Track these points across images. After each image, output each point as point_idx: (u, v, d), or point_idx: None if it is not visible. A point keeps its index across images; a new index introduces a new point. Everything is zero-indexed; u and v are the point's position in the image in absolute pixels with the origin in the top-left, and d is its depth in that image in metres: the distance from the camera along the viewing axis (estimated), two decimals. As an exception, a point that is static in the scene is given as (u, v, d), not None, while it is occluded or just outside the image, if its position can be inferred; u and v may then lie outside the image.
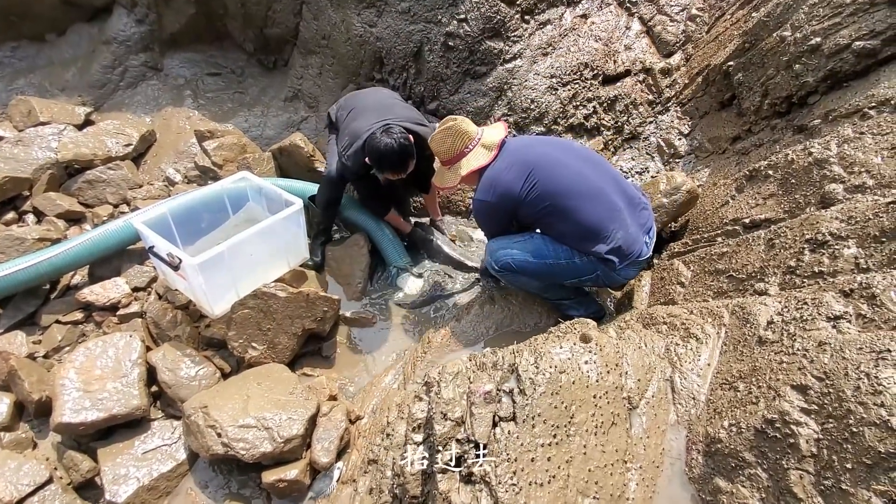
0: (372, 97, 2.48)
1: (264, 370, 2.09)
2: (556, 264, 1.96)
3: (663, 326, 1.54)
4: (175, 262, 1.97)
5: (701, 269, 1.92)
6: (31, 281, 2.06)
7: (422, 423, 1.18)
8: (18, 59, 3.05)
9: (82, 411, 1.81)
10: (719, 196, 2.20)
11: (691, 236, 2.21)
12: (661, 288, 2.05)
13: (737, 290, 1.68)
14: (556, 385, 1.14)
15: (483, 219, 2.06)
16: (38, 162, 2.53)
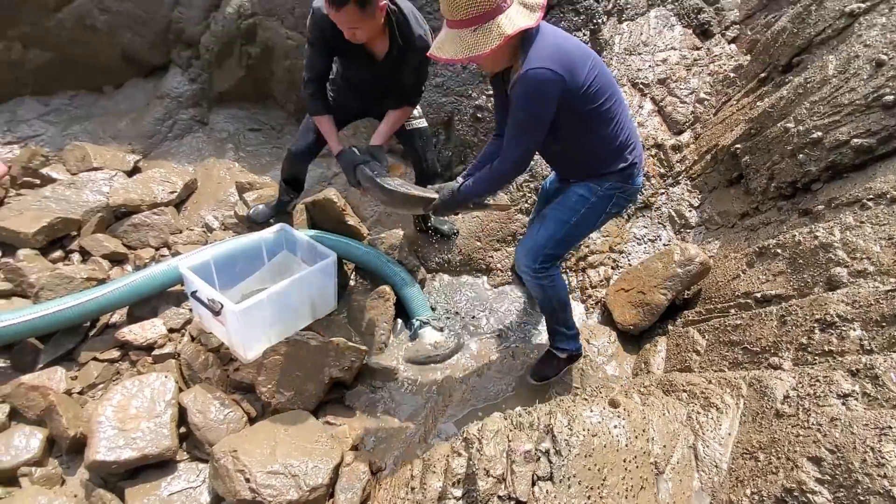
0: None
1: (290, 416, 2.15)
2: (579, 220, 1.88)
3: (683, 394, 1.63)
4: (216, 307, 2.08)
5: (716, 339, 2.03)
6: (77, 319, 2.16)
7: (461, 479, 1.25)
8: (75, 106, 3.29)
9: (116, 449, 1.86)
10: (731, 269, 2.34)
11: (705, 305, 2.33)
12: (677, 354, 2.14)
13: (752, 362, 1.78)
14: (590, 447, 1.22)
15: (534, 103, 1.50)
16: (89, 205, 2.70)
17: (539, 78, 1.46)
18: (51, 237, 2.52)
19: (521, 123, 1.57)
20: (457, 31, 1.46)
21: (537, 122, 1.56)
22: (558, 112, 1.55)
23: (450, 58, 1.47)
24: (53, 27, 2.98)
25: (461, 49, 1.45)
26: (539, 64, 1.45)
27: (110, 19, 3.08)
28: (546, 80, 1.46)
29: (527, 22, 1.44)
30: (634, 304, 2.45)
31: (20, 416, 2.02)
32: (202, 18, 3.22)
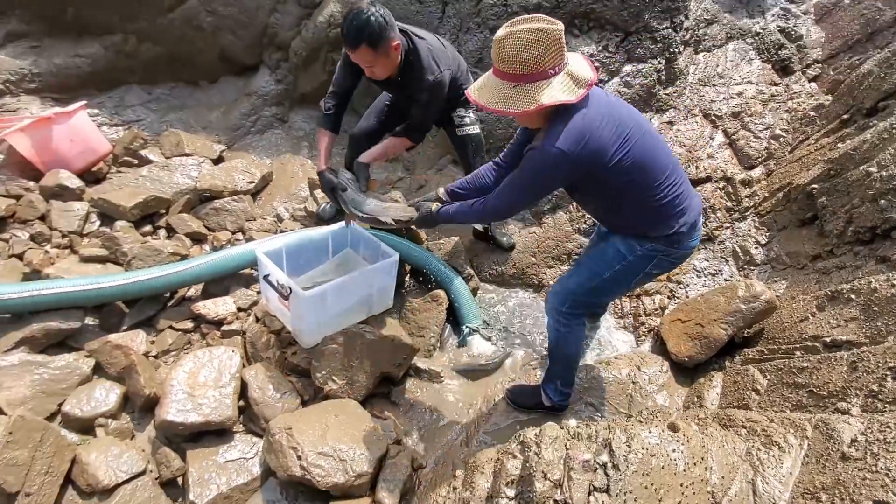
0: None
1: (341, 404, 2.24)
2: (613, 275, 1.82)
3: (743, 430, 1.59)
4: (285, 291, 2.21)
5: (778, 380, 1.96)
6: (161, 289, 2.35)
7: (515, 480, 1.28)
8: (174, 97, 3.60)
9: (184, 412, 2.01)
10: (798, 310, 2.26)
11: (767, 345, 2.25)
12: (735, 392, 2.08)
13: (817, 405, 1.72)
14: (647, 466, 1.23)
15: (540, 176, 1.53)
16: (179, 186, 2.93)
17: (549, 159, 1.46)
18: (144, 212, 2.75)
19: (520, 185, 1.60)
20: (498, 80, 1.46)
21: (532, 193, 1.63)
22: (586, 179, 1.56)
23: (484, 104, 1.47)
24: (166, 25, 3.30)
25: (497, 100, 1.45)
26: (556, 144, 1.43)
27: (215, 21, 3.36)
28: (556, 163, 1.46)
29: (566, 97, 1.41)
30: (691, 335, 2.40)
31: (102, 372, 2.21)
32: (295, 25, 3.46)
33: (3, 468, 1.67)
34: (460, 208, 1.84)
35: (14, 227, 2.57)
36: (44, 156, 2.77)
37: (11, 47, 3.03)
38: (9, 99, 3.00)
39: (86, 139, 2.93)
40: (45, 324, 2.14)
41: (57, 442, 1.83)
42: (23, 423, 1.75)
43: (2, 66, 2.99)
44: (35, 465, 1.75)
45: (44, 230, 2.57)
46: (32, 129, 2.72)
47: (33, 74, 3.06)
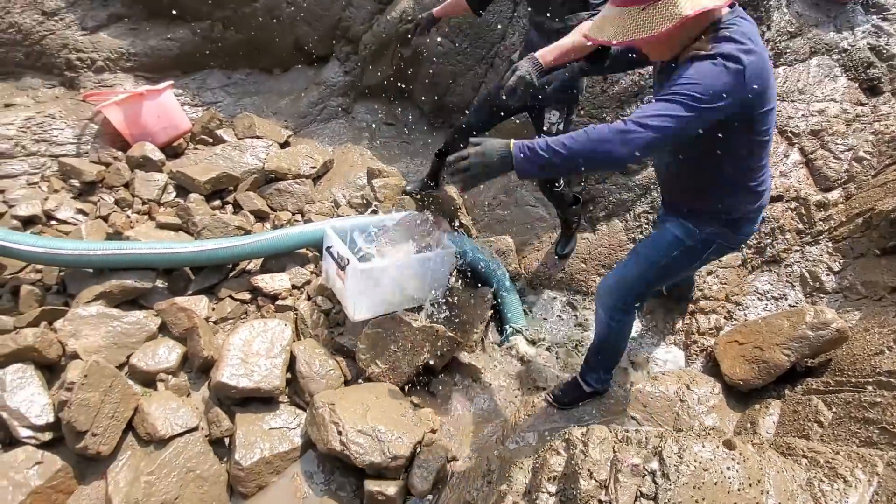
0: None
1: (381, 388, 2.29)
2: (670, 262, 1.72)
3: (803, 460, 1.50)
4: (343, 262, 2.28)
5: (846, 414, 1.84)
6: (227, 258, 2.49)
7: (557, 476, 1.26)
8: (250, 83, 3.79)
9: (238, 377, 2.11)
10: (873, 343, 2.10)
11: (834, 377, 2.11)
12: (794, 422, 1.96)
13: (890, 444, 1.59)
14: (699, 480, 1.18)
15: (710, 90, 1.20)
16: (248, 166, 3.09)
17: (731, 72, 1.19)
18: (216, 188, 2.92)
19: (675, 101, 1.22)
20: (622, 10, 1.26)
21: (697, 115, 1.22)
22: (721, 126, 1.28)
23: (608, 40, 1.27)
24: (249, 14, 3.49)
25: (625, 30, 1.24)
26: (732, 51, 1.19)
27: (293, 12, 3.53)
28: (737, 78, 1.19)
29: (713, 1, 1.20)
30: (749, 359, 2.28)
31: (167, 331, 2.36)
32: (367, 19, 3.58)
33: (77, 408, 1.82)
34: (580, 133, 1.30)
35: (102, 191, 2.79)
36: (133, 128, 3.00)
37: (114, 27, 3.30)
38: (107, 75, 3.26)
39: (171, 116, 3.14)
40: (122, 281, 2.32)
41: (124, 390, 1.98)
42: (97, 368, 1.90)
43: (104, 44, 3.26)
44: (104, 408, 1.89)
45: (127, 196, 2.77)
46: (126, 104, 2.95)
47: (130, 54, 3.32)
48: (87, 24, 3.19)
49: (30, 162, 2.80)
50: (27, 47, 3.07)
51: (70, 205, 2.64)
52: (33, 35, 3.06)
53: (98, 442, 1.85)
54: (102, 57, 3.24)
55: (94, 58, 3.21)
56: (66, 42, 3.14)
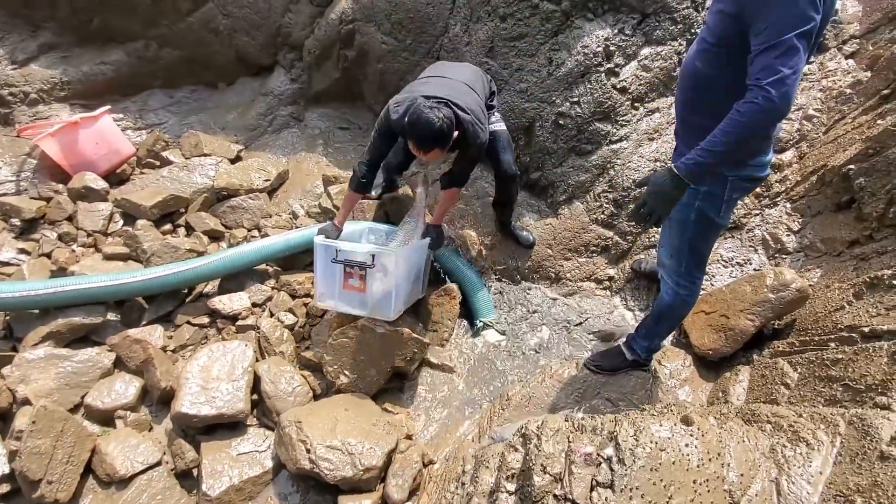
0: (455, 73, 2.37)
1: (351, 398, 2.24)
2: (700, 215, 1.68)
3: (767, 426, 1.48)
4: (368, 262, 2.18)
5: (810, 374, 1.83)
6: (179, 284, 2.40)
7: (516, 474, 1.23)
8: (194, 99, 3.68)
9: (198, 405, 2.04)
10: (833, 300, 2.11)
11: (798, 337, 2.12)
12: (763, 387, 1.96)
13: (853, 400, 1.59)
14: (656, 461, 1.16)
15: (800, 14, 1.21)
16: (197, 186, 3.00)
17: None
18: (164, 211, 2.83)
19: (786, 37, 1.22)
20: None
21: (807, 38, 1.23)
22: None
23: None
24: (184, 29, 3.38)
25: None
26: None
27: (231, 23, 3.43)
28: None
29: None
30: (716, 328, 2.28)
31: (123, 365, 2.28)
32: (308, 24, 3.49)
33: (28, 456, 1.74)
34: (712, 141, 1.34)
35: (44, 227, 2.68)
36: (71, 159, 2.88)
37: (44, 58, 3.17)
38: (42, 107, 3.14)
39: (110, 142, 3.03)
40: (69, 319, 2.22)
41: (77, 432, 1.89)
42: (45, 412, 1.82)
43: (36, 76, 3.13)
44: (57, 454, 1.81)
45: (71, 230, 2.67)
46: (60, 134, 2.84)
47: (63, 83, 3.19)
48: (16, 58, 3.07)
49: (-35, 205, 2.68)
50: (-48, 86, 2.94)
51: (11, 245, 2.53)
52: (-42, 73, 2.93)
53: (55, 489, 1.77)
54: (35, 89, 3.11)
55: (27, 90, 3.09)
56: (-5, 77, 3.01)
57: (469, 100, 2.22)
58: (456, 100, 2.12)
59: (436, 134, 1.97)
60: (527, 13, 2.91)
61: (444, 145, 2.03)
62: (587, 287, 2.93)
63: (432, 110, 1.97)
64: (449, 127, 1.99)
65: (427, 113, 1.96)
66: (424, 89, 2.19)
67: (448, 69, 2.43)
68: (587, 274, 2.95)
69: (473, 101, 2.23)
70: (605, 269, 2.94)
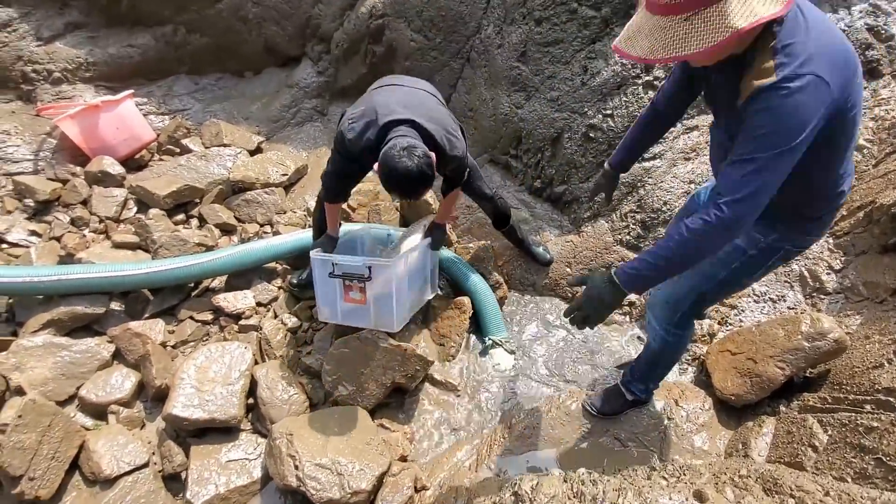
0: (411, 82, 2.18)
1: (348, 412, 2.16)
2: (730, 275, 1.54)
3: (790, 500, 1.34)
4: (366, 274, 2.07)
5: (841, 438, 1.67)
6: (185, 279, 2.36)
7: (504, 535, 1.12)
8: (219, 88, 3.65)
9: (190, 408, 1.99)
10: (872, 354, 1.93)
11: (832, 392, 1.94)
12: (788, 444, 1.80)
13: (885, 479, 1.43)
14: (661, 542, 1.03)
15: (795, 130, 1.08)
16: (214, 176, 2.96)
17: (806, 93, 1.04)
18: (178, 201, 2.80)
19: (762, 156, 1.10)
20: (659, 19, 1.05)
21: (788, 158, 1.10)
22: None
23: (643, 56, 1.08)
24: (213, 16, 3.34)
25: (664, 44, 1.05)
26: (804, 69, 1.04)
27: (260, 12, 3.37)
28: (815, 94, 1.04)
29: (770, 9, 1.00)
30: (741, 371, 2.11)
31: (122, 358, 2.25)
32: (338, 16, 3.41)
33: (10, 451, 1.71)
34: (668, 240, 1.24)
35: (58, 210, 2.68)
36: (91, 142, 2.87)
37: (71, 37, 3.17)
38: (65, 87, 3.14)
39: (131, 127, 3.01)
40: (71, 307, 2.20)
41: (66, 427, 1.86)
42: (33, 406, 1.79)
43: (61, 55, 3.13)
44: (42, 449, 1.78)
45: (84, 214, 2.66)
46: (81, 116, 2.82)
47: (89, 63, 3.19)
48: (42, 35, 3.07)
49: (-17, 182, 2.70)
50: (-21, 61, 2.96)
51: (23, 226, 2.53)
52: (-15, 48, 2.95)
53: (36, 486, 1.74)
54: (59, 68, 3.11)
55: (51, 69, 3.09)
56: (21, 54, 3.02)
57: (432, 105, 2.04)
58: (417, 112, 1.91)
59: (417, 181, 1.76)
60: (564, 18, 2.76)
61: (429, 184, 1.82)
62: (605, 311, 2.78)
63: (402, 158, 1.73)
64: (428, 165, 1.78)
65: (399, 163, 1.72)
66: (379, 100, 1.96)
67: (403, 78, 2.22)
68: (606, 297, 2.80)
69: (436, 109, 2.03)
70: (626, 293, 2.79)
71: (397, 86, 2.10)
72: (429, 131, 1.89)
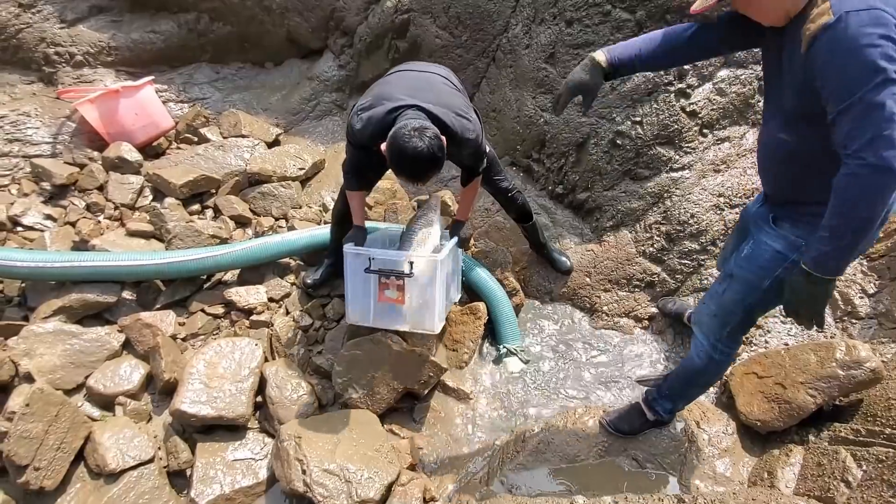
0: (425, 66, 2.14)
1: (358, 415, 2.10)
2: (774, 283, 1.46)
3: (827, 542, 1.26)
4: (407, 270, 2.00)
5: (877, 475, 1.58)
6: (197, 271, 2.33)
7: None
8: (240, 77, 3.61)
9: (198, 404, 1.95)
10: (913, 386, 1.83)
11: (866, 424, 1.85)
12: (819, 478, 1.71)
13: (933, 524, 1.34)
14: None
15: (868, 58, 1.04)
16: (231, 167, 2.92)
17: (867, 24, 1.03)
18: (193, 191, 2.76)
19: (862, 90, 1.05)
20: None
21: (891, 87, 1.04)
22: None
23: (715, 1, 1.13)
24: (237, 4, 3.30)
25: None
26: (861, 4, 1.04)
27: (284, 2, 3.32)
28: (879, 21, 1.02)
29: None
30: (769, 396, 2.02)
31: (131, 348, 2.22)
32: (363, 9, 3.35)
33: (17, 440, 1.68)
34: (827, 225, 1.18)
35: (73, 195, 2.65)
36: (109, 127, 2.84)
37: (94, 20, 3.15)
38: (87, 70, 3.11)
39: (150, 114, 2.98)
40: (83, 294, 2.17)
41: (73, 418, 1.83)
42: (41, 395, 1.76)
43: (84, 38, 3.11)
44: (48, 439, 1.75)
45: (99, 200, 2.63)
46: (101, 101, 2.80)
47: (111, 48, 3.16)
48: (66, 17, 3.05)
49: (1, 163, 2.67)
50: (2, 42, 2.94)
51: (38, 210, 2.51)
52: (9, 28, 2.92)
53: (41, 476, 1.71)
54: (82, 51, 3.09)
55: (73, 52, 3.07)
56: (44, 36, 3.00)
57: (442, 89, 1.95)
58: (424, 96, 1.84)
59: (428, 162, 1.69)
60: (596, 20, 2.67)
61: (439, 166, 1.76)
62: (625, 324, 2.70)
63: (412, 138, 1.66)
64: (440, 147, 1.71)
65: (409, 143, 1.66)
66: (386, 87, 1.92)
67: (416, 64, 2.16)
68: (626, 309, 2.72)
69: (446, 93, 1.95)
70: (647, 307, 2.70)
71: (408, 71, 2.06)
72: (436, 115, 1.82)
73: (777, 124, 1.40)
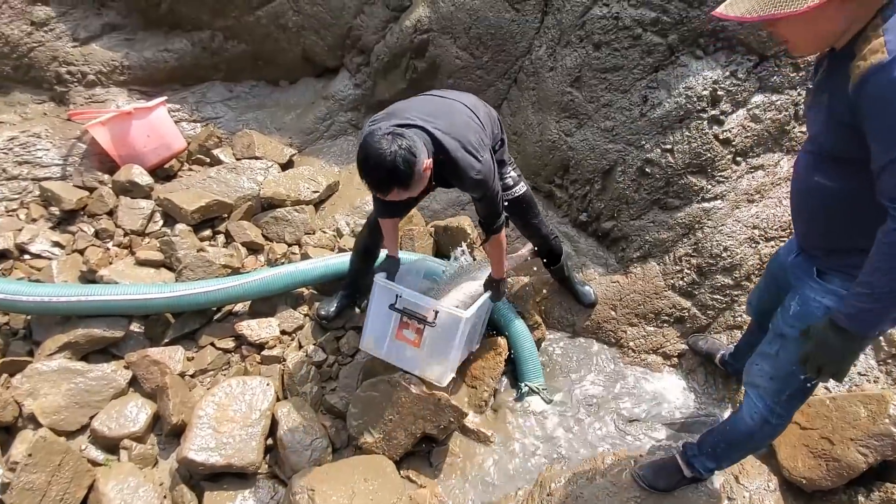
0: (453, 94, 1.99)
1: (373, 462, 1.99)
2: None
3: None
4: (431, 317, 1.93)
5: (947, 553, 1.43)
6: (208, 304, 2.24)
7: None
8: (253, 95, 3.54)
9: (206, 451, 1.85)
10: (977, 448, 1.68)
11: (925, 489, 1.70)
12: (878, 553, 1.57)
13: None
14: None
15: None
16: (243, 191, 2.83)
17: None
18: (205, 216, 2.67)
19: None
20: None
21: None
22: None
23: (741, 16, 1.03)
24: (252, 23, 3.23)
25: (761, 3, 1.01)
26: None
27: (300, 20, 3.25)
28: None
29: None
30: (815, 452, 1.89)
31: (138, 385, 2.12)
32: (380, 28, 3.26)
33: (19, 492, 1.59)
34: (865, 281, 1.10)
35: (83, 220, 2.58)
36: (120, 149, 2.78)
37: (107, 38, 3.09)
38: (99, 90, 3.06)
39: (162, 135, 2.91)
40: (89, 329, 2.09)
41: (76, 467, 1.74)
42: (44, 444, 1.67)
43: (96, 57, 3.05)
44: (51, 490, 1.66)
45: (109, 226, 2.55)
46: (112, 123, 2.73)
47: (124, 67, 3.10)
48: (78, 35, 2.99)
49: (10, 187, 2.61)
50: (15, 60, 2.88)
51: (46, 237, 2.43)
52: (21, 47, 2.87)
53: (42, 531, 1.61)
54: (94, 70, 3.03)
55: (85, 71, 3.01)
56: (56, 54, 2.94)
57: (460, 119, 1.82)
58: (436, 122, 1.72)
59: (389, 171, 1.53)
60: (626, 43, 2.56)
61: (402, 184, 1.57)
62: (653, 361, 2.57)
63: (379, 140, 1.54)
64: (406, 160, 1.54)
65: (374, 144, 1.54)
66: (402, 105, 1.81)
67: (447, 92, 2.02)
68: (654, 346, 2.59)
69: (462, 123, 1.81)
70: (677, 343, 2.57)
71: (434, 96, 1.94)
72: (439, 140, 1.69)
73: (813, 164, 1.28)
